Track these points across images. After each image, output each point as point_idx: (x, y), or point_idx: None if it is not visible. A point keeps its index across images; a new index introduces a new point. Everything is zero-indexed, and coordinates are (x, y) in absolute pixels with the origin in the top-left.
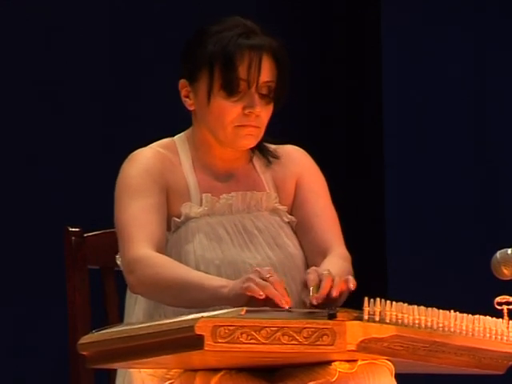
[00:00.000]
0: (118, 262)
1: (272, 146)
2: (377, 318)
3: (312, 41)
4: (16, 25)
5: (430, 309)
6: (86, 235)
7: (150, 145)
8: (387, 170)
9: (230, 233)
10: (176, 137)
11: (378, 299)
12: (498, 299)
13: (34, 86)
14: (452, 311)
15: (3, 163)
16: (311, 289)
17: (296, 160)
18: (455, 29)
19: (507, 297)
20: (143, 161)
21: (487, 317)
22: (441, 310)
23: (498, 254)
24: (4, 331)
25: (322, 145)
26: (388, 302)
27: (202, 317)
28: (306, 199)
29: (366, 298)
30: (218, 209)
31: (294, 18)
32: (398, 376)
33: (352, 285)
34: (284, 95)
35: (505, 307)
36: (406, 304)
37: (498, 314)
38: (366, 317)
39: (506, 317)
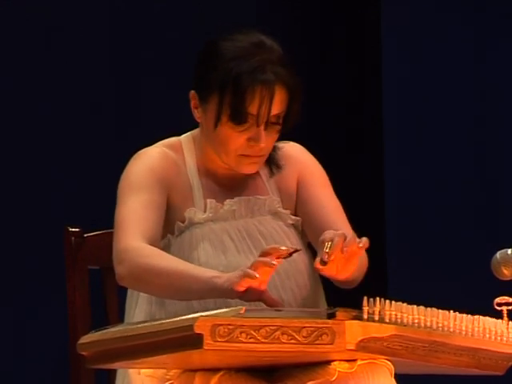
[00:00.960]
0: None
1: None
2: (376, 318)
3: (312, 41)
4: (16, 25)
5: (429, 308)
6: (86, 235)
7: (156, 144)
8: (387, 170)
9: (234, 239)
10: (182, 136)
11: (377, 298)
12: (498, 300)
13: (34, 86)
14: (451, 311)
15: (3, 163)
16: (325, 245)
17: (294, 158)
18: (455, 29)
19: (507, 298)
20: (148, 160)
21: (487, 317)
22: (440, 310)
23: (498, 254)
24: (4, 331)
25: (322, 145)
26: (387, 301)
27: (201, 316)
28: (310, 194)
29: (366, 298)
30: (221, 214)
31: (294, 18)
32: (397, 376)
33: (363, 244)
34: (293, 123)
35: (504, 308)
36: (405, 304)
37: (498, 315)
38: (365, 316)
39: (505, 317)
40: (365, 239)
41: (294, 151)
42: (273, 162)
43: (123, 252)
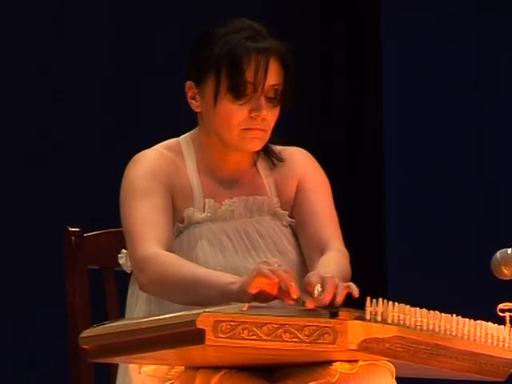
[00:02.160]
0: (121, 262)
1: (277, 148)
2: (378, 319)
3: (312, 41)
4: (16, 24)
5: (432, 311)
6: (86, 235)
7: (154, 146)
8: (387, 170)
9: (233, 239)
10: (181, 137)
11: (380, 299)
12: (501, 306)
13: (34, 85)
14: (454, 315)
15: (3, 163)
16: (316, 287)
17: (298, 162)
18: (455, 29)
19: (510, 304)
20: (148, 162)
21: (489, 323)
22: (443, 314)
23: (498, 254)
24: (4, 331)
25: (322, 145)
26: (390, 302)
27: (204, 311)
28: (306, 198)
29: (368, 298)
30: (220, 214)
31: (293, 18)
32: (398, 378)
33: (355, 293)
34: (291, 98)
35: (507, 314)
36: (408, 305)
37: (500, 320)
38: (367, 317)
39: (508, 324)
40: (354, 288)
41: (299, 155)
42: (273, 155)
43: (142, 261)
